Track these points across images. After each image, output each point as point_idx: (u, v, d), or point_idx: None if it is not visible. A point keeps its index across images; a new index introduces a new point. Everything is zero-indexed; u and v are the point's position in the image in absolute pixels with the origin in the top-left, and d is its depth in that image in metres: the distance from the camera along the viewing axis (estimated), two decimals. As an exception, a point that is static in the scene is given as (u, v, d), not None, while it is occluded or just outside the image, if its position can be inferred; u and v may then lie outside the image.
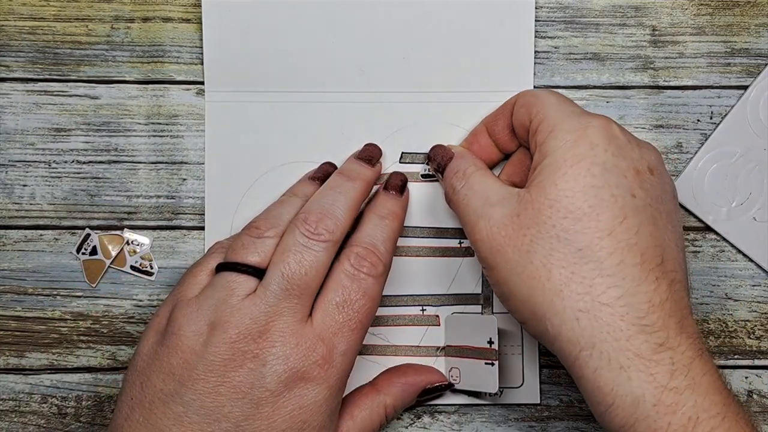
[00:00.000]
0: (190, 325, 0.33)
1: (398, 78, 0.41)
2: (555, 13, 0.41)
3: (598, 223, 0.32)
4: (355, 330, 0.35)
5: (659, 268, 0.32)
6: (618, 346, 0.31)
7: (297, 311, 0.34)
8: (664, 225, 0.33)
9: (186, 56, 0.41)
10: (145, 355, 0.34)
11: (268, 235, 0.35)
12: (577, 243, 0.32)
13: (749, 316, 0.41)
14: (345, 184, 0.37)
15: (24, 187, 0.41)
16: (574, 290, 0.32)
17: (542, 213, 0.33)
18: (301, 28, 0.41)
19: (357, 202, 0.37)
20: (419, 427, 0.41)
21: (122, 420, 0.33)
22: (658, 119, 0.41)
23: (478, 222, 0.35)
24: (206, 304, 0.34)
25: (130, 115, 0.41)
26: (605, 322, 0.31)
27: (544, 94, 0.36)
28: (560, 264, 0.32)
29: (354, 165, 0.39)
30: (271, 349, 0.33)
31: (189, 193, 0.41)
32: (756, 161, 0.41)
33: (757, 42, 0.41)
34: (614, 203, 0.32)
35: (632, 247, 0.32)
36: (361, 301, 0.35)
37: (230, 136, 0.41)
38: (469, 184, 0.36)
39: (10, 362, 0.41)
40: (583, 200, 0.32)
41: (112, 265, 0.41)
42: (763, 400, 0.41)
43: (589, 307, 0.31)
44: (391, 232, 0.37)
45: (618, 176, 0.33)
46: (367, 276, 0.35)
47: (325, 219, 0.35)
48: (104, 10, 0.41)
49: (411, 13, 0.41)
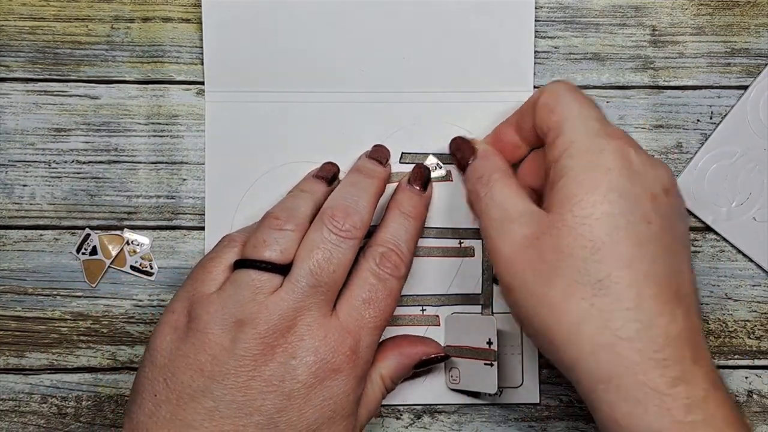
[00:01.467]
0: (217, 323, 0.33)
1: (398, 78, 0.41)
2: (555, 13, 0.41)
3: (616, 254, 0.32)
4: (379, 327, 0.35)
5: (675, 298, 0.32)
6: (634, 381, 0.31)
7: (323, 306, 0.34)
8: (678, 249, 0.33)
9: (186, 56, 0.41)
10: (165, 351, 0.34)
11: (288, 228, 0.35)
12: (597, 274, 0.31)
13: (749, 316, 0.41)
14: (364, 180, 0.37)
15: (24, 187, 0.41)
16: (593, 323, 0.31)
17: (561, 240, 0.32)
18: (301, 28, 0.41)
19: (376, 199, 0.37)
20: (419, 427, 0.41)
21: (145, 417, 0.33)
22: (658, 119, 0.41)
23: (498, 238, 0.34)
24: (231, 301, 0.34)
25: (130, 115, 0.41)
26: (623, 356, 0.31)
27: (566, 100, 0.35)
28: (580, 295, 0.32)
29: (369, 163, 0.39)
30: (300, 342, 0.33)
31: (189, 193, 0.41)
32: (756, 161, 0.41)
33: (757, 42, 0.41)
34: (631, 232, 0.32)
35: (649, 278, 0.31)
36: (386, 300, 0.36)
37: (230, 136, 0.41)
38: (491, 193, 0.36)
39: (10, 362, 0.41)
40: (600, 229, 0.32)
41: (112, 265, 0.41)
42: (763, 400, 0.41)
43: (608, 341, 0.31)
44: (414, 232, 0.38)
45: (634, 203, 0.32)
46: (390, 276, 0.36)
47: (351, 215, 0.35)
48: (104, 10, 0.41)
49: (411, 13, 0.41)
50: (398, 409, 0.41)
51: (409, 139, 0.41)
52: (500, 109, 0.41)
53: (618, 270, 0.31)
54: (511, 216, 0.34)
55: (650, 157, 0.34)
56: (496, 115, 0.41)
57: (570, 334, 0.32)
